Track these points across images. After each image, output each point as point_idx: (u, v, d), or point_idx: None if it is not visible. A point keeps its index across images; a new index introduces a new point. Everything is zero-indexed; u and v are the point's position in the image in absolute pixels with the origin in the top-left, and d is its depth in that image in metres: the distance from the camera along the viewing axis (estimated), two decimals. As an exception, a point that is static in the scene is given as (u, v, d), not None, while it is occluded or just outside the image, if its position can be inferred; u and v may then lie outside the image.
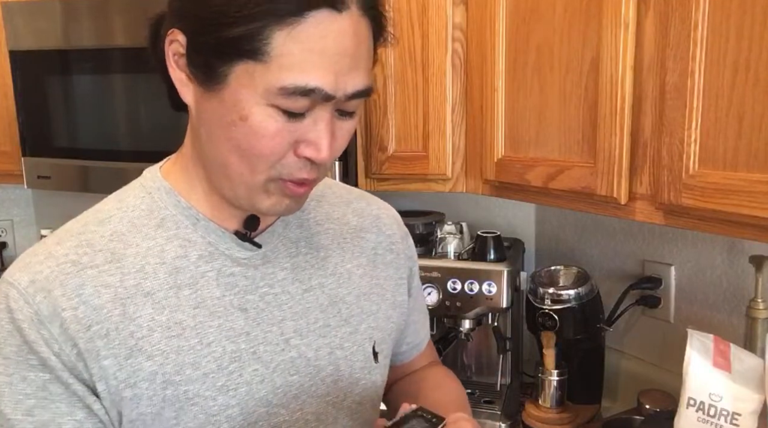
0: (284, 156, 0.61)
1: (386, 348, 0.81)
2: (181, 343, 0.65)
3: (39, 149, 1.53)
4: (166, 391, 0.64)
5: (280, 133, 0.60)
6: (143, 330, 0.64)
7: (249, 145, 0.60)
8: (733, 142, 0.81)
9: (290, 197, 0.65)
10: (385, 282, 0.81)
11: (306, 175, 0.63)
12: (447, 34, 1.28)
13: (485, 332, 1.46)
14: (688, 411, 0.97)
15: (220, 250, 0.69)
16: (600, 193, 1.00)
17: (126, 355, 0.63)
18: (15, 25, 1.47)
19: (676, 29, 0.86)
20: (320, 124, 0.60)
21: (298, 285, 0.73)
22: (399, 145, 1.36)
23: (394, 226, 0.86)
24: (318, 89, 0.58)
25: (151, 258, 0.66)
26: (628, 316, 1.39)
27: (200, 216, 0.69)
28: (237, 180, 0.63)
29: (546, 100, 1.10)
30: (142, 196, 0.70)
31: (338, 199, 0.83)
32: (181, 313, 0.65)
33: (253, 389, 0.67)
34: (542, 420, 1.34)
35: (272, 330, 0.69)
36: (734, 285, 1.21)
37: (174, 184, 0.70)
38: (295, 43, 0.56)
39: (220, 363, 0.66)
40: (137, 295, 0.64)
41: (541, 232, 1.68)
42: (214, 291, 0.67)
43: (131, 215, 0.68)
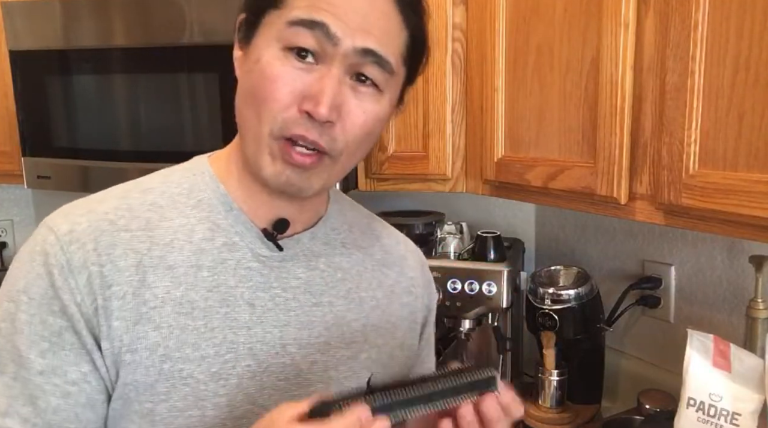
0: (288, 107, 0.63)
1: None
2: (188, 322, 0.66)
3: (39, 149, 1.53)
4: (163, 365, 0.65)
5: (285, 78, 0.63)
6: (157, 301, 0.65)
7: (258, 88, 0.64)
8: (733, 142, 0.81)
9: (291, 166, 0.65)
10: (397, 321, 0.81)
11: (304, 131, 0.63)
12: (447, 34, 1.28)
13: (485, 332, 1.46)
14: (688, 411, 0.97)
15: (245, 242, 0.70)
16: (600, 193, 1.00)
17: (135, 320, 0.64)
18: (15, 25, 1.47)
19: (676, 29, 0.86)
20: (325, 78, 0.62)
21: (308, 297, 0.73)
22: (399, 145, 1.36)
23: (417, 271, 0.86)
24: (323, 24, 0.61)
25: (181, 234, 0.68)
26: (628, 316, 1.39)
27: (234, 206, 0.71)
28: (248, 134, 0.66)
29: (546, 100, 1.10)
30: (186, 177, 0.73)
31: (369, 230, 0.84)
32: (195, 293, 0.67)
33: (243, 383, 0.68)
34: (542, 420, 1.34)
35: (272, 332, 0.70)
36: (734, 285, 1.22)
37: (217, 170, 0.73)
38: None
39: (218, 350, 0.67)
40: (160, 266, 0.66)
41: (541, 232, 1.68)
42: (229, 280, 0.69)
43: (173, 191, 0.71)
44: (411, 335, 0.84)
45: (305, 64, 0.63)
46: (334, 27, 0.61)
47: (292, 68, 0.63)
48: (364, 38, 0.63)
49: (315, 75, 0.63)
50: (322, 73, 0.63)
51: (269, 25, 0.64)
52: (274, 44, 0.63)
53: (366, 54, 0.63)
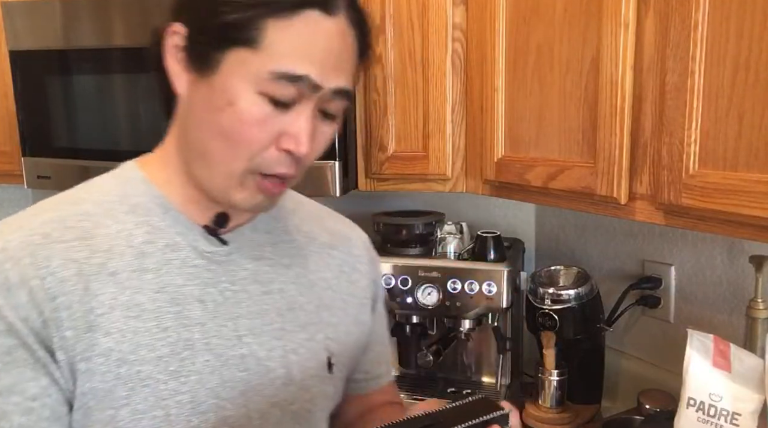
0: (266, 147, 0.64)
1: (344, 362, 0.83)
2: (139, 325, 0.66)
3: (39, 149, 1.53)
4: (120, 369, 0.65)
5: (264, 122, 0.63)
6: (104, 308, 0.65)
7: (234, 130, 0.63)
8: (733, 142, 0.81)
9: (264, 194, 0.68)
10: (348, 298, 0.84)
11: (285, 169, 0.66)
12: (447, 34, 1.28)
13: (485, 332, 1.46)
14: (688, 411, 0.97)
15: (187, 241, 0.71)
16: (600, 193, 1.00)
17: (85, 329, 0.64)
18: (15, 25, 1.47)
19: (676, 29, 0.86)
20: (302, 117, 0.64)
21: (257, 287, 0.75)
22: (399, 145, 1.36)
23: (362, 249, 0.89)
24: (306, 77, 0.62)
25: (120, 240, 0.68)
26: (628, 316, 1.39)
27: (170, 206, 0.71)
28: (216, 168, 0.66)
29: (546, 100, 1.10)
30: (115, 184, 0.73)
31: (309, 216, 0.85)
32: (142, 296, 0.67)
33: (203, 378, 0.69)
34: (542, 420, 1.34)
35: (227, 325, 0.71)
36: (734, 285, 1.22)
37: (149, 174, 0.72)
38: (288, 35, 0.61)
39: (174, 349, 0.68)
40: (102, 274, 0.66)
41: (541, 232, 1.68)
42: (176, 279, 0.69)
43: (103, 199, 0.71)
44: (363, 310, 0.87)
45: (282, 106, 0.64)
46: (316, 77, 0.63)
47: (270, 111, 0.63)
48: (338, 79, 0.65)
49: (292, 114, 0.64)
50: (299, 111, 0.64)
51: (240, 65, 0.62)
52: (249, 88, 0.62)
53: (339, 93, 0.66)
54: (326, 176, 1.31)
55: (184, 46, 0.65)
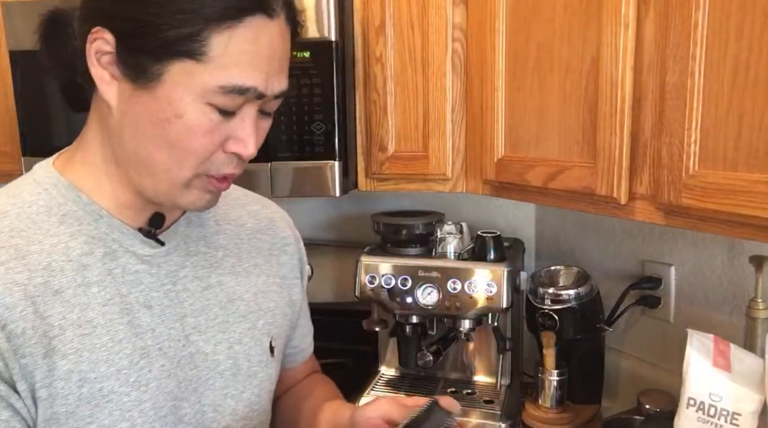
0: (213, 153, 0.65)
1: (281, 343, 0.86)
2: (94, 341, 0.65)
3: (39, 149, 1.53)
4: (82, 389, 0.64)
5: (213, 131, 0.63)
6: (55, 330, 0.64)
7: (182, 142, 0.63)
8: (733, 142, 0.81)
9: (211, 192, 0.68)
10: (281, 280, 0.86)
11: (233, 169, 0.67)
12: (447, 34, 1.28)
13: (485, 332, 1.46)
14: (688, 411, 0.97)
15: (124, 247, 0.70)
16: (600, 193, 1.00)
17: (42, 354, 0.63)
18: (15, 25, 1.47)
19: (676, 29, 0.86)
20: (247, 121, 0.65)
21: (198, 283, 0.75)
22: (399, 145, 1.36)
23: (287, 229, 0.91)
24: (253, 88, 0.62)
25: (57, 255, 0.66)
26: (628, 316, 1.39)
27: (103, 213, 0.69)
28: (161, 176, 0.65)
29: (546, 100, 1.10)
30: (37, 192, 0.69)
31: (234, 201, 0.86)
32: (91, 311, 0.66)
33: (162, 383, 0.69)
34: (542, 420, 1.34)
35: (175, 327, 0.72)
36: (734, 285, 1.21)
37: (74, 180, 0.69)
38: (233, 44, 0.60)
39: (132, 359, 0.67)
40: (46, 293, 0.64)
41: (541, 232, 1.68)
42: (121, 289, 0.69)
43: (28, 211, 0.67)
44: (295, 290, 0.89)
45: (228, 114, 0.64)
46: (262, 87, 0.63)
47: (217, 120, 0.63)
48: (280, 84, 0.66)
49: (236, 119, 0.64)
50: (243, 116, 0.64)
51: (187, 76, 0.60)
52: (197, 100, 0.61)
53: (280, 95, 0.67)
54: (326, 176, 1.31)
55: (111, 53, 0.62)
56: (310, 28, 1.25)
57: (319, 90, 1.27)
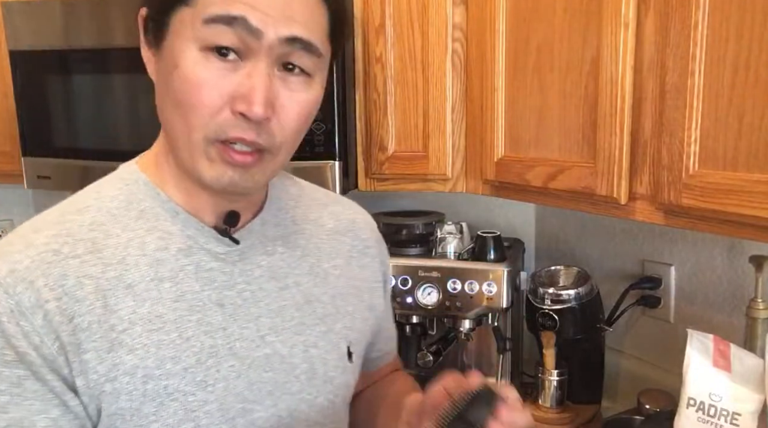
0: (219, 111, 0.60)
1: (360, 349, 0.82)
2: (162, 337, 0.64)
3: (39, 149, 1.53)
4: (146, 386, 0.63)
5: (211, 81, 0.59)
6: (124, 323, 0.63)
7: (183, 95, 0.60)
8: (733, 142, 0.81)
9: (233, 167, 0.62)
10: (361, 284, 0.82)
11: (241, 133, 0.60)
12: (447, 34, 1.28)
13: (485, 332, 1.46)
14: (688, 411, 0.97)
15: (199, 244, 0.69)
16: (600, 193, 1.00)
17: (107, 348, 0.62)
18: (15, 25, 1.47)
19: (676, 29, 0.86)
20: (254, 76, 0.59)
21: (274, 283, 0.73)
22: (399, 145, 1.36)
23: (368, 231, 0.87)
24: (242, 19, 0.57)
25: (132, 249, 0.66)
26: (628, 316, 1.39)
27: (179, 210, 0.69)
28: (180, 142, 0.62)
29: (546, 100, 1.10)
30: (119, 187, 0.70)
31: (314, 202, 0.83)
32: (162, 306, 0.65)
33: (230, 384, 0.67)
34: (542, 420, 1.34)
35: (249, 327, 0.70)
36: (734, 285, 1.21)
37: (152, 177, 0.70)
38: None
39: (199, 358, 0.66)
40: (119, 287, 0.64)
41: (541, 232, 1.68)
42: (194, 285, 0.67)
43: (109, 205, 0.68)
44: (376, 294, 0.85)
45: (229, 62, 0.59)
46: (254, 20, 0.58)
47: (216, 69, 0.59)
48: (287, 26, 0.59)
49: (242, 73, 0.59)
50: (249, 69, 0.59)
51: (181, 24, 0.60)
52: (191, 46, 0.59)
53: (292, 42, 0.60)
54: (326, 176, 1.31)
55: (147, 27, 0.63)
56: (310, 28, 1.25)
57: (319, 90, 1.27)
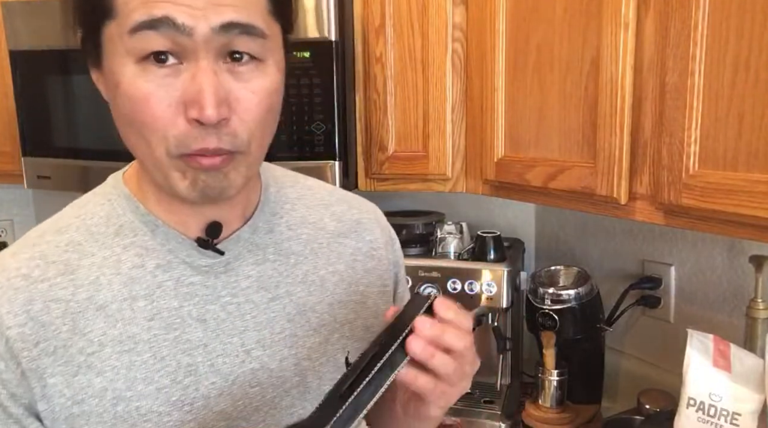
0: (173, 123, 0.56)
1: None
2: (133, 358, 0.62)
3: (39, 149, 1.53)
4: (116, 407, 0.61)
5: (156, 93, 0.55)
6: (94, 346, 0.62)
7: (132, 113, 0.56)
8: (733, 142, 0.81)
9: (205, 172, 0.58)
10: (366, 289, 0.77)
11: (202, 143, 0.56)
12: (447, 34, 1.28)
13: (485, 332, 1.46)
14: (688, 411, 0.97)
15: (180, 258, 0.66)
16: (600, 193, 1.00)
17: (74, 372, 0.61)
18: (15, 25, 1.47)
19: (676, 29, 0.86)
20: (198, 76, 0.55)
21: (263, 294, 0.69)
22: (399, 145, 1.36)
23: (376, 231, 0.80)
24: (167, 18, 0.53)
25: (107, 268, 0.64)
26: (628, 316, 1.39)
27: (159, 223, 0.66)
28: (147, 161, 0.60)
29: (546, 100, 1.10)
30: (101, 204, 0.68)
31: (317, 202, 0.78)
32: (135, 326, 0.63)
33: (210, 403, 0.65)
34: (542, 420, 1.34)
35: (232, 342, 0.66)
36: (734, 285, 1.21)
37: (134, 189, 0.68)
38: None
39: (175, 377, 0.63)
40: (89, 309, 0.62)
41: (541, 232, 1.68)
42: (171, 302, 0.64)
43: (89, 223, 0.66)
44: (383, 300, 0.79)
45: (169, 68, 0.55)
46: (180, 16, 0.54)
47: (157, 79, 0.55)
48: (218, 14, 0.55)
49: (185, 76, 0.55)
50: (192, 71, 0.55)
51: (112, 41, 0.56)
52: (126, 61, 0.56)
53: (228, 29, 0.55)
54: (326, 176, 1.31)
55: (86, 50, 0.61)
56: (310, 28, 1.25)
57: (319, 90, 1.27)
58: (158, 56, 0.55)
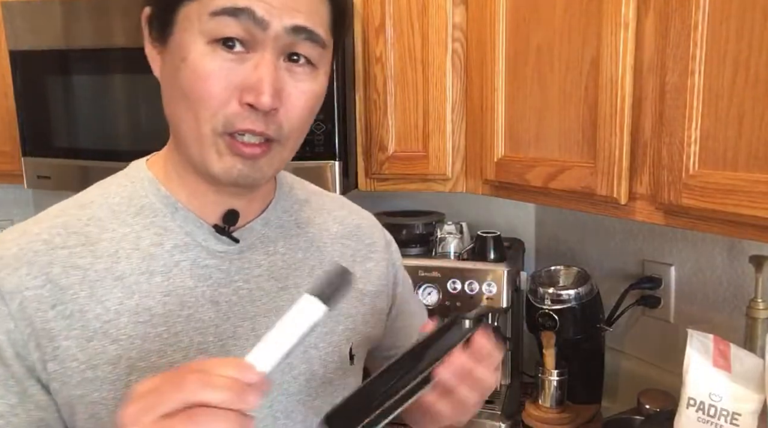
0: (227, 103, 0.60)
1: (362, 351, 0.83)
2: (148, 330, 0.65)
3: (39, 149, 1.53)
4: (130, 377, 0.63)
5: (218, 73, 0.60)
6: (110, 314, 0.64)
7: (190, 88, 0.60)
8: (733, 142, 0.81)
9: (242, 159, 0.63)
10: (364, 287, 0.82)
11: (251, 125, 0.61)
12: (447, 34, 1.28)
13: (485, 332, 1.46)
14: (688, 411, 0.97)
15: (197, 241, 0.69)
16: (600, 193, 1.00)
17: (89, 337, 0.63)
18: (15, 25, 1.47)
19: (676, 29, 0.86)
20: (261, 66, 0.60)
21: (273, 283, 0.73)
22: (399, 145, 1.36)
23: (375, 235, 0.87)
24: (247, 10, 0.58)
25: (126, 243, 0.67)
26: (628, 316, 1.39)
27: (179, 206, 0.69)
28: (189, 136, 0.63)
29: (546, 100, 1.10)
30: (124, 185, 0.71)
31: (321, 206, 0.84)
32: (151, 300, 0.65)
33: None
34: (542, 420, 1.34)
35: (243, 325, 0.70)
36: (734, 285, 1.21)
37: (157, 174, 0.71)
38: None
39: (186, 354, 0.66)
40: (107, 278, 0.65)
41: (541, 232, 1.68)
42: (187, 282, 0.67)
43: (111, 202, 0.69)
44: (380, 299, 0.85)
45: (235, 54, 0.60)
46: (259, 10, 0.59)
47: (222, 61, 0.60)
48: (292, 16, 0.60)
49: (249, 64, 0.60)
50: (256, 60, 0.60)
51: (188, 19, 0.60)
52: (198, 39, 0.60)
53: (297, 32, 0.61)
54: (326, 176, 1.31)
55: (151, 25, 0.64)
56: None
57: (319, 90, 1.27)
58: (227, 41, 0.60)
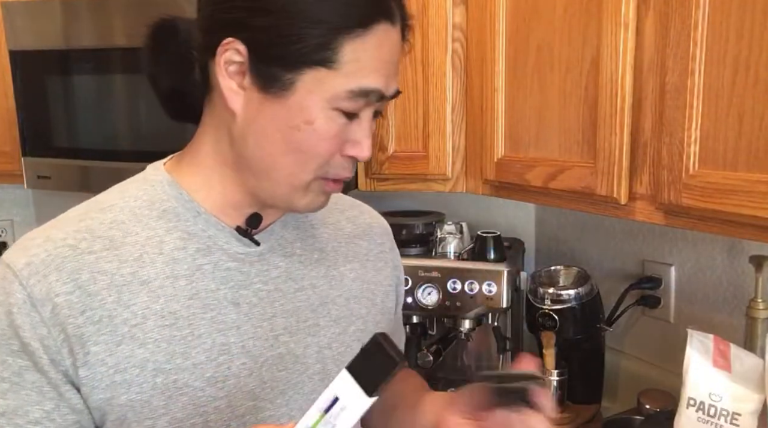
0: (333, 155, 0.67)
1: None
2: (174, 333, 0.66)
3: (39, 149, 1.53)
4: (156, 379, 0.65)
5: (338, 135, 0.65)
6: (137, 318, 0.65)
7: (309, 147, 0.65)
8: (733, 142, 0.81)
9: (325, 194, 0.71)
10: (375, 287, 0.84)
11: (348, 173, 0.70)
12: (447, 33, 1.28)
13: (485, 332, 1.46)
14: (688, 411, 0.97)
15: (219, 244, 0.70)
16: (600, 193, 1.00)
17: (117, 342, 0.64)
18: (15, 25, 1.47)
19: (676, 29, 0.86)
20: (365, 124, 0.67)
21: (290, 284, 0.74)
22: (399, 144, 1.36)
23: (384, 236, 0.89)
24: (376, 90, 0.64)
25: (150, 247, 0.68)
26: (628, 316, 1.39)
27: (201, 210, 0.70)
28: (283, 180, 0.67)
29: (546, 100, 1.10)
30: (144, 188, 0.71)
31: (333, 206, 0.85)
32: (176, 303, 0.67)
33: (241, 382, 0.69)
34: (542, 420, 1.34)
35: (262, 326, 0.71)
36: (734, 285, 1.22)
37: (179, 179, 0.71)
38: (363, 52, 0.63)
39: (209, 355, 0.67)
40: (133, 283, 0.66)
41: (541, 232, 1.68)
42: (209, 284, 0.69)
43: (132, 205, 0.70)
44: (389, 299, 0.87)
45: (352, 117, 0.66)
46: (384, 89, 0.65)
47: (342, 125, 0.65)
48: (395, 84, 0.67)
49: (355, 123, 0.66)
50: (361, 119, 0.66)
51: (318, 84, 0.63)
52: (326, 106, 0.64)
53: (393, 96, 0.68)
54: (326, 176, 1.31)
55: (242, 63, 0.63)
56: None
57: (319, 90, 1.27)
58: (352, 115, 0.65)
